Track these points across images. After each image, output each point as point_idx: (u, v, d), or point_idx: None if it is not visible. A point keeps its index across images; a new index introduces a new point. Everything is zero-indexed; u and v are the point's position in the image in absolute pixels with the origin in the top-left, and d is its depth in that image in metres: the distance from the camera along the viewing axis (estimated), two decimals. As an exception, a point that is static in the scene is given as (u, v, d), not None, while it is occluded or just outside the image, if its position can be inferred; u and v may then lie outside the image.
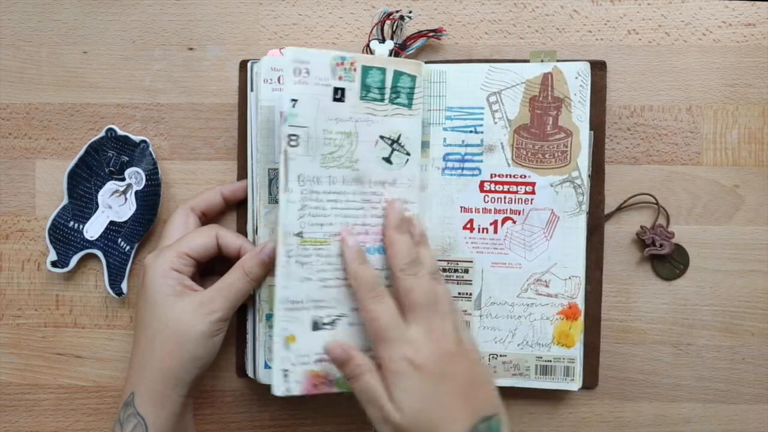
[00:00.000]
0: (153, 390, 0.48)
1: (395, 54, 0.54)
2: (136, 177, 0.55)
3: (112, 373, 0.57)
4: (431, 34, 0.55)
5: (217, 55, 0.56)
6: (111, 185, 0.55)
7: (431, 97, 0.53)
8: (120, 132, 0.55)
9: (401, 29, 0.54)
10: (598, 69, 0.54)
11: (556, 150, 0.52)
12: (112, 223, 0.55)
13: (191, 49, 0.56)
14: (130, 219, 0.55)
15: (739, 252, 0.55)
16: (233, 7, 0.56)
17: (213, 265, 0.52)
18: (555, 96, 0.52)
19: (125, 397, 0.49)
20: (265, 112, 0.51)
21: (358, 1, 0.56)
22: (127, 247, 0.55)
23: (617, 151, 0.55)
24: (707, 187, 0.55)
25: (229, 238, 0.51)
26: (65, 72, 0.57)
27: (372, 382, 0.45)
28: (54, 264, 0.55)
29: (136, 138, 0.55)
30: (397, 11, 0.54)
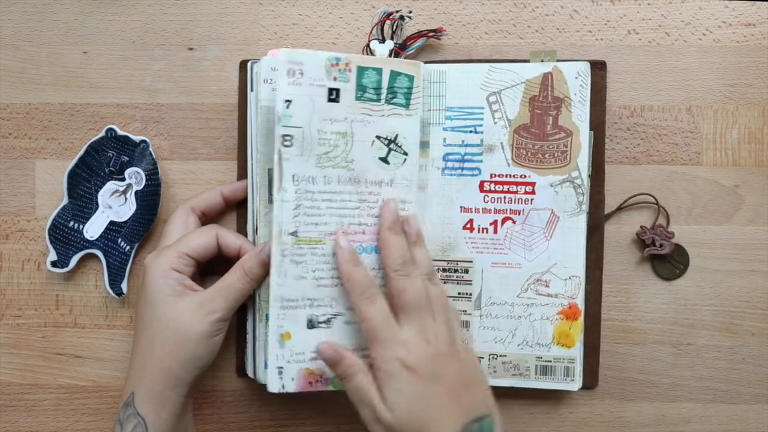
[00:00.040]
0: (153, 390, 0.48)
1: (395, 54, 0.54)
2: (136, 177, 0.55)
3: (112, 373, 0.57)
4: (431, 34, 0.55)
5: (217, 55, 0.56)
6: (111, 185, 0.55)
7: (431, 97, 0.53)
8: (120, 132, 0.55)
9: (401, 29, 0.54)
10: (598, 69, 0.54)
11: (556, 150, 0.52)
12: (112, 223, 0.55)
13: (191, 49, 0.56)
14: (130, 219, 0.55)
15: (739, 252, 0.55)
16: (233, 7, 0.56)
17: (213, 265, 0.52)
18: (555, 96, 0.52)
19: (125, 397, 0.49)
20: (265, 112, 0.51)
21: (358, 1, 0.56)
22: (127, 247, 0.55)
23: (617, 151, 0.55)
24: (707, 187, 0.55)
25: (229, 238, 0.51)
26: (65, 72, 0.57)
27: (364, 383, 0.45)
28: (54, 264, 0.55)
29: (136, 138, 0.55)
30: (397, 11, 0.54)
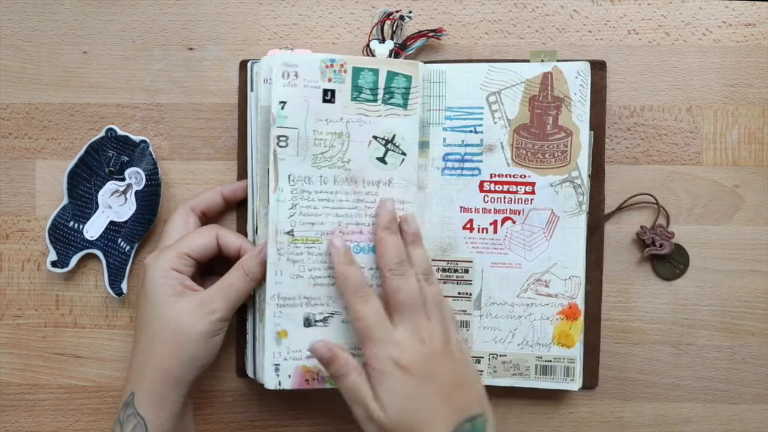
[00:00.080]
0: (153, 390, 0.48)
1: (395, 54, 0.54)
2: (136, 177, 0.55)
3: (112, 373, 0.57)
4: (431, 34, 0.55)
5: (217, 55, 0.56)
6: (111, 185, 0.55)
7: (431, 97, 0.53)
8: (120, 132, 0.55)
9: (401, 29, 0.54)
10: (598, 69, 0.54)
11: (556, 150, 0.52)
12: (112, 223, 0.55)
13: (191, 49, 0.56)
14: (130, 219, 0.55)
15: (739, 252, 0.55)
16: (233, 7, 0.56)
17: (213, 265, 0.52)
18: (555, 95, 0.52)
19: (125, 397, 0.49)
20: (265, 112, 0.51)
21: (358, 1, 0.56)
22: (127, 247, 0.55)
23: (617, 151, 0.55)
24: (707, 187, 0.55)
25: (229, 238, 0.51)
26: (65, 72, 0.57)
27: (357, 381, 0.45)
28: (54, 264, 0.55)
29: (136, 138, 0.55)
30: (397, 11, 0.54)
